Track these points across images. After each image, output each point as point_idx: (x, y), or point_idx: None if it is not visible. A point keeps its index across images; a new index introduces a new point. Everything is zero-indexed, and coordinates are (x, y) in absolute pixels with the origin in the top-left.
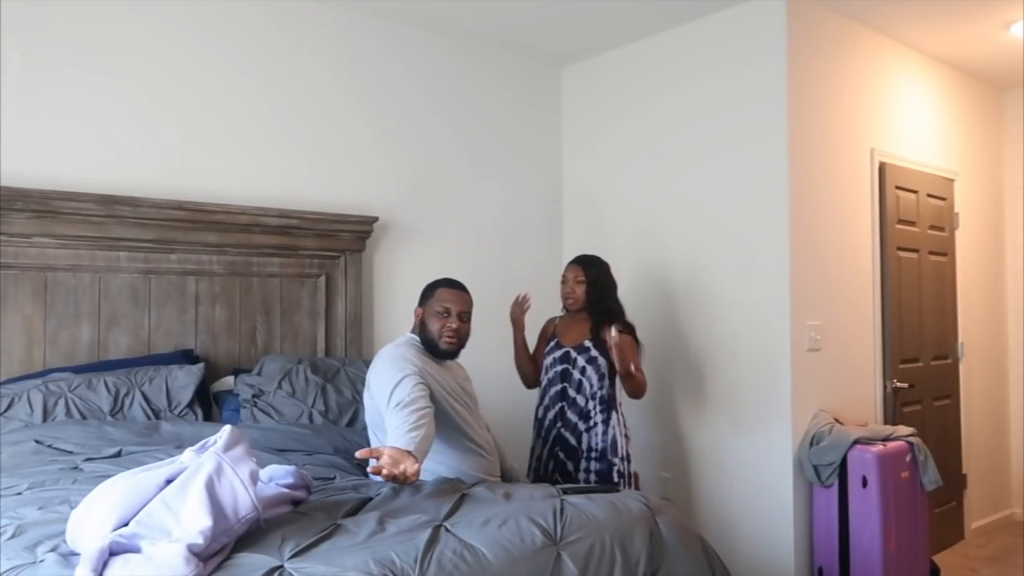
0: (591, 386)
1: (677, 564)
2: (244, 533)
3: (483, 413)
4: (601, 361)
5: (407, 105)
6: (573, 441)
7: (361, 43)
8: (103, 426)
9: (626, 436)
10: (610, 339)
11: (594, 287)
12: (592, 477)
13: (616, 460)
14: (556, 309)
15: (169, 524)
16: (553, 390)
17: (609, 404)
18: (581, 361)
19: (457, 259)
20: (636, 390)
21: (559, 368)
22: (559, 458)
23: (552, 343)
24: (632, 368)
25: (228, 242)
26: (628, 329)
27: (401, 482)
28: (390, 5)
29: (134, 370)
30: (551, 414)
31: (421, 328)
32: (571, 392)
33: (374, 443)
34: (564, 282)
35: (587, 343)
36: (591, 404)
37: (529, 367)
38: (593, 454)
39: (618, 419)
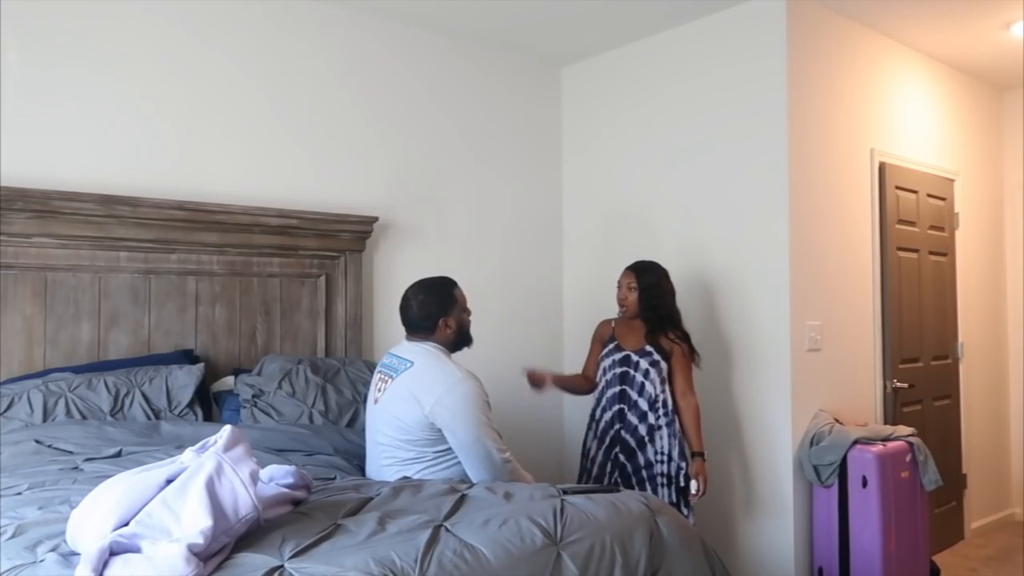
0: (654, 389)
1: (677, 564)
2: (244, 533)
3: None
4: (663, 365)
5: (407, 105)
6: (633, 443)
7: (361, 43)
8: (103, 426)
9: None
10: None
11: (646, 294)
12: (663, 480)
13: (683, 463)
14: (558, 308)
15: (169, 524)
16: (612, 391)
17: (673, 408)
18: (644, 364)
19: (457, 258)
20: (684, 416)
21: (619, 370)
22: (619, 460)
23: (611, 345)
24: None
25: (228, 242)
26: (682, 338)
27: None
28: (390, 5)
29: (134, 370)
30: (608, 415)
31: (458, 333)
32: (632, 394)
33: (399, 453)
34: (618, 287)
35: (648, 347)
36: (656, 407)
37: (584, 385)
38: (660, 457)
39: (678, 422)
